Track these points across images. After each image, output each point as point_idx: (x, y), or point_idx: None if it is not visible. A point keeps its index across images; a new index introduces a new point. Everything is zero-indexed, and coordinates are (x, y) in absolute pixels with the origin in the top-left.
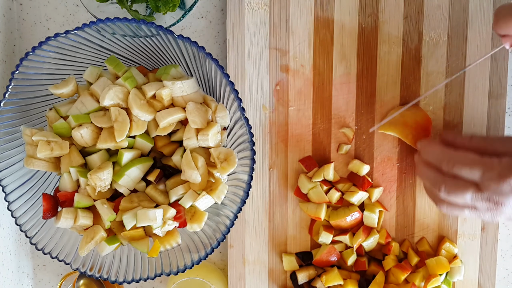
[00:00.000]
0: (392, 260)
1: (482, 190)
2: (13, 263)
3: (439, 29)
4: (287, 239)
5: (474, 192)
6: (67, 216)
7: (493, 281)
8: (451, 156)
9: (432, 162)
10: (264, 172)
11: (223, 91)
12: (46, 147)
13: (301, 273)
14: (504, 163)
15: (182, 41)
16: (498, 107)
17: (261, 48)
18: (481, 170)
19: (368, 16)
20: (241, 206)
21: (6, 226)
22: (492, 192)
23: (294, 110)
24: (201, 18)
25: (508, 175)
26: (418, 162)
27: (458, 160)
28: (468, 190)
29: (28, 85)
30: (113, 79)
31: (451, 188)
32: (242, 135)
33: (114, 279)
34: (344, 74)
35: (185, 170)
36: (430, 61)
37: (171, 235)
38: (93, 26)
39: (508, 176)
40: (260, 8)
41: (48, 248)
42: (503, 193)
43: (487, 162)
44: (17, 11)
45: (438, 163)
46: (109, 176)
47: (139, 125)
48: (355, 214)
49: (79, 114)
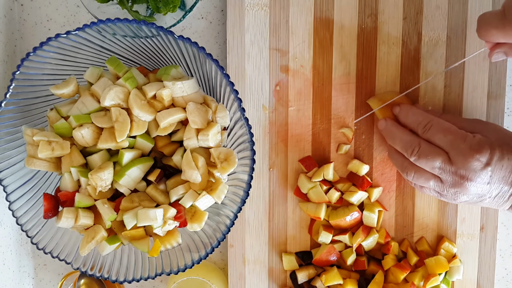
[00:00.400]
0: (391, 260)
1: (451, 162)
2: (14, 262)
3: (438, 30)
4: (287, 238)
5: (443, 162)
6: (68, 216)
7: (492, 280)
8: (430, 119)
9: (409, 124)
10: (264, 172)
11: (223, 92)
12: (47, 147)
13: (301, 272)
14: (477, 139)
15: (182, 41)
16: (497, 107)
17: (261, 49)
18: (454, 140)
19: (368, 17)
20: (241, 206)
21: (7, 225)
22: (460, 166)
23: (294, 110)
24: (202, 19)
25: (478, 150)
26: (390, 125)
27: (436, 124)
28: (438, 158)
29: (29, 86)
30: (113, 79)
31: (422, 152)
32: (242, 135)
33: (114, 278)
34: (344, 75)
35: (185, 170)
36: (429, 61)
37: (171, 234)
38: (94, 27)
39: (478, 152)
40: (260, 9)
41: (49, 247)
42: (470, 169)
43: (462, 134)
44: (18, 12)
45: (415, 125)
46: (109, 176)
47: (140, 125)
48: (354, 214)
49: (80, 114)
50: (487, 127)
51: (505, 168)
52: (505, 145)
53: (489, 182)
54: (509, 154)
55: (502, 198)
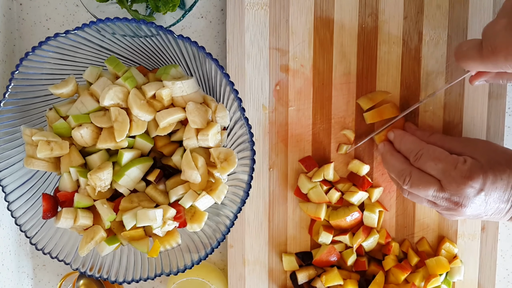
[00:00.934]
0: (392, 260)
1: (444, 189)
2: (13, 263)
3: (439, 29)
4: (287, 239)
5: (436, 190)
6: (67, 216)
7: (493, 281)
8: (420, 148)
9: (402, 151)
10: (264, 172)
11: (223, 91)
12: (46, 147)
13: (301, 273)
14: (468, 165)
15: (182, 41)
16: (498, 107)
17: (261, 48)
18: (444, 168)
19: (368, 16)
20: (241, 206)
21: (6, 226)
22: (452, 193)
23: (294, 110)
24: (201, 18)
25: (470, 177)
26: (385, 152)
27: (426, 153)
28: (431, 187)
29: (28, 85)
30: (113, 79)
31: (414, 181)
32: (242, 135)
33: (114, 279)
34: (344, 74)
35: (185, 170)
36: (430, 61)
37: (171, 235)
38: (93, 26)
39: (470, 179)
40: (260, 8)
41: (48, 248)
42: (463, 196)
43: (452, 161)
44: (17, 11)
45: (407, 154)
46: (109, 176)
47: (139, 125)
48: (355, 214)
49: (79, 114)
50: (477, 146)
51: (499, 188)
52: (497, 165)
53: (484, 205)
54: (501, 174)
55: (500, 214)
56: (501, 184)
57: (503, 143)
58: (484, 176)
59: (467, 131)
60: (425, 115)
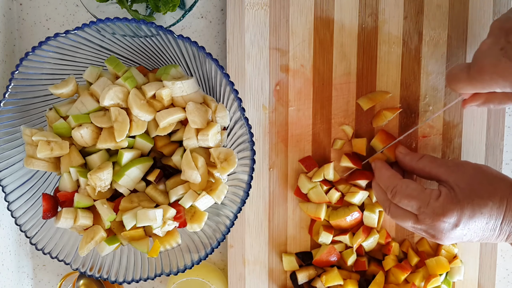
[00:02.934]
0: (392, 260)
1: (419, 223)
2: (13, 263)
3: (439, 29)
4: (287, 239)
5: (413, 223)
6: (67, 216)
7: (493, 281)
8: (395, 185)
9: (380, 185)
10: (264, 172)
11: (223, 91)
12: (46, 147)
13: (301, 273)
14: (441, 202)
15: (182, 41)
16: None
17: (261, 48)
18: (417, 205)
19: (368, 16)
20: (241, 206)
21: (6, 226)
22: (428, 227)
23: (294, 110)
24: (201, 18)
25: (441, 214)
26: (373, 182)
27: (400, 190)
28: (408, 220)
29: (28, 85)
30: (113, 79)
31: (393, 214)
32: (242, 135)
33: (114, 279)
34: (344, 74)
35: (185, 170)
36: (430, 61)
37: (171, 235)
38: (93, 26)
39: (443, 215)
40: (260, 8)
41: (48, 248)
42: (437, 230)
43: (424, 198)
44: (17, 11)
45: (384, 188)
46: (109, 176)
47: (139, 125)
48: (355, 214)
49: (79, 114)
50: (464, 174)
51: (480, 221)
52: (477, 198)
53: (466, 234)
54: (482, 208)
55: (489, 239)
56: (481, 217)
57: (503, 143)
58: (460, 211)
59: (467, 131)
60: (425, 115)
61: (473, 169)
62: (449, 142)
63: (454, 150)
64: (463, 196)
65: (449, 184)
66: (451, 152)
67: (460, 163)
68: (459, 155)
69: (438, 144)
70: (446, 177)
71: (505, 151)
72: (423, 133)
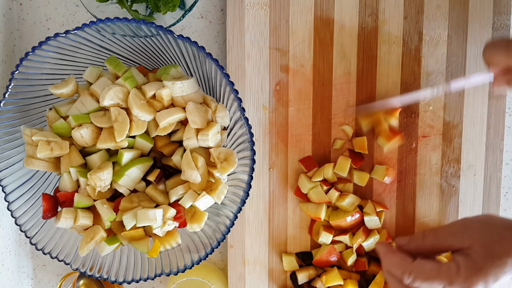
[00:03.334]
0: None
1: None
2: (13, 263)
3: (439, 29)
4: (287, 239)
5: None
6: (67, 216)
7: None
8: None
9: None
10: (264, 172)
11: (223, 91)
12: (46, 147)
13: (301, 273)
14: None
15: (182, 41)
16: (498, 107)
17: (261, 48)
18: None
19: (368, 16)
20: (241, 206)
21: (6, 226)
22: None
23: (294, 110)
24: (201, 18)
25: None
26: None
27: (417, 276)
28: None
29: (28, 85)
30: (113, 79)
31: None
32: (242, 135)
33: (114, 279)
34: (344, 74)
35: (185, 170)
36: (430, 61)
37: (171, 235)
38: (93, 26)
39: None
40: (260, 8)
41: (48, 248)
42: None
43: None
44: (17, 11)
45: (399, 276)
46: (109, 176)
47: (139, 125)
48: (355, 214)
49: (79, 114)
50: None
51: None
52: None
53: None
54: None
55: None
56: (505, 276)
57: (503, 143)
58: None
59: (467, 131)
60: (425, 115)
61: (480, 225)
62: (449, 142)
63: (454, 150)
64: (482, 261)
65: (464, 251)
66: (451, 152)
67: (463, 224)
68: (459, 155)
69: (438, 144)
70: (460, 245)
71: (505, 151)
72: (423, 133)
